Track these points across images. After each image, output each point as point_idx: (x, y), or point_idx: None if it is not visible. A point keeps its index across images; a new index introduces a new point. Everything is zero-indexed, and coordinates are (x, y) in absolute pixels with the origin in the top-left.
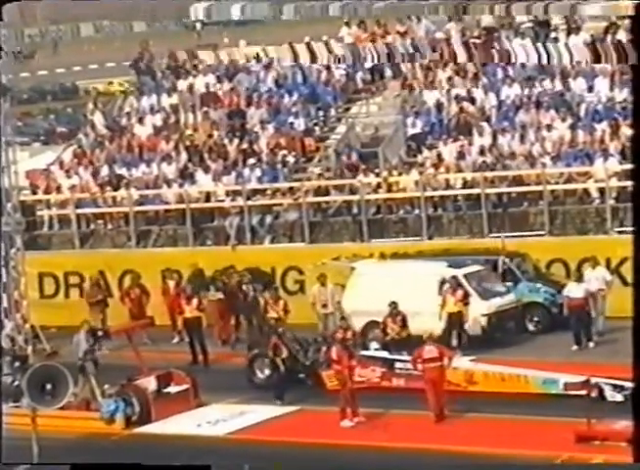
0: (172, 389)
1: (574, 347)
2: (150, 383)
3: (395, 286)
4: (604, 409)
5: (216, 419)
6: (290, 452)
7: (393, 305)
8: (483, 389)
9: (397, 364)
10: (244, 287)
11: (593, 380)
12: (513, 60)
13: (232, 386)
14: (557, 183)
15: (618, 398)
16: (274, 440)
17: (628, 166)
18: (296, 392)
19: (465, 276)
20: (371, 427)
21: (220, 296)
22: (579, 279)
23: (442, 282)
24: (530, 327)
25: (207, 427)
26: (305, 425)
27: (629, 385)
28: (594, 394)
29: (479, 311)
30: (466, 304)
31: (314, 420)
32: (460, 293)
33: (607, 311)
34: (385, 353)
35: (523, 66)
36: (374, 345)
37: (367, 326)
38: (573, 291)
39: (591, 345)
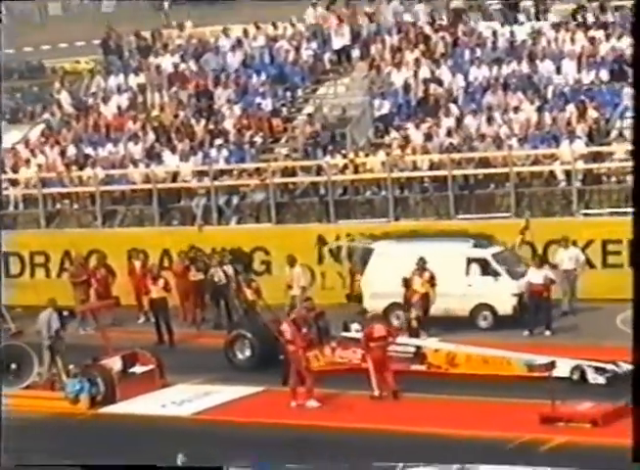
0: (137, 369)
1: (525, 332)
2: (115, 363)
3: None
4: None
5: (181, 399)
6: (254, 432)
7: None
8: (465, 371)
9: None
10: (224, 268)
11: (575, 362)
12: (481, 42)
13: (198, 366)
14: (523, 165)
15: (601, 380)
16: (239, 420)
17: (594, 149)
18: (275, 372)
19: (493, 256)
20: (337, 407)
21: (201, 276)
22: (541, 264)
23: (469, 262)
24: None
25: (173, 407)
26: (271, 405)
27: (611, 367)
28: (573, 375)
29: (509, 291)
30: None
31: (280, 400)
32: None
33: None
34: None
35: (491, 48)
36: (355, 326)
37: (389, 308)
38: (534, 277)
39: (547, 333)
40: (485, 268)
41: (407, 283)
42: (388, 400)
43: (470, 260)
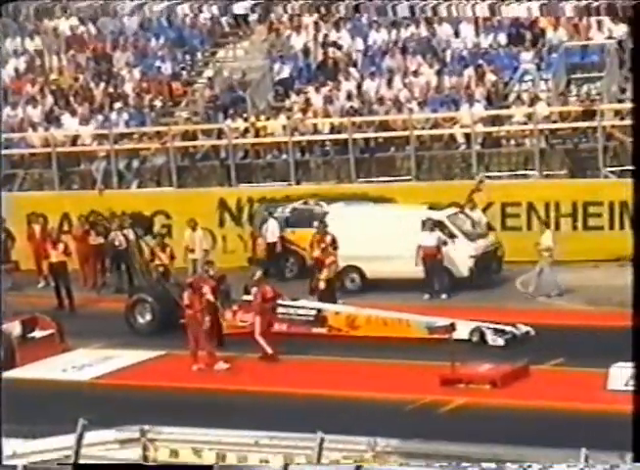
0: (37, 333)
1: (426, 296)
2: (14, 328)
3: (374, 229)
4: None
5: (82, 364)
6: (155, 396)
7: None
8: (366, 333)
9: (279, 309)
10: (124, 232)
11: (474, 325)
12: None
13: (99, 330)
14: (423, 128)
15: (500, 342)
16: (140, 384)
17: (493, 112)
18: (175, 336)
19: (448, 218)
20: (239, 371)
21: (101, 240)
22: (432, 227)
23: (424, 224)
24: None
25: (73, 372)
26: (172, 369)
27: (510, 329)
28: (472, 337)
29: (466, 253)
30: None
31: (181, 364)
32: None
33: None
34: None
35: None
36: (255, 290)
37: (344, 270)
38: (426, 239)
39: (443, 296)
40: (441, 230)
41: (311, 246)
42: (290, 364)
43: (425, 223)
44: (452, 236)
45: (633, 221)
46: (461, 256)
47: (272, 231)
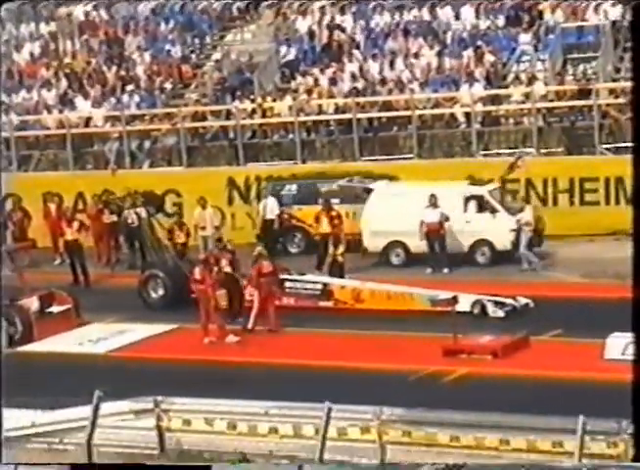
0: (54, 309)
1: (428, 270)
2: (32, 303)
3: (418, 206)
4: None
5: (97, 338)
6: (168, 368)
7: None
8: (370, 306)
9: (287, 284)
10: (137, 210)
11: (475, 297)
12: None
13: (113, 305)
14: (425, 108)
15: (500, 313)
16: (153, 357)
17: (492, 92)
18: (188, 310)
19: (489, 193)
20: (249, 344)
21: (114, 218)
22: (435, 204)
23: (467, 200)
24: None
25: (89, 345)
26: (184, 342)
27: (510, 301)
28: (474, 310)
29: (507, 227)
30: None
31: (192, 337)
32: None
33: None
34: None
35: None
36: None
37: (389, 246)
38: (429, 216)
39: (446, 271)
40: (483, 205)
41: (317, 220)
42: (297, 336)
43: (467, 198)
44: (494, 210)
45: (633, 196)
46: (502, 229)
47: (271, 208)
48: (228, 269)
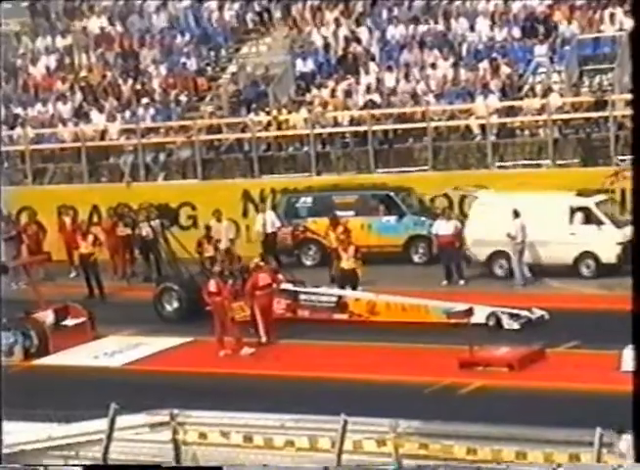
0: (69, 321)
1: (444, 281)
2: (47, 316)
3: (523, 215)
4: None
5: (112, 351)
6: (183, 381)
7: None
8: (385, 319)
9: (302, 296)
10: (151, 223)
11: (490, 309)
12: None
13: (128, 318)
14: (440, 120)
15: (515, 326)
16: (168, 369)
17: (508, 103)
18: (202, 323)
19: (596, 205)
20: (264, 356)
21: (128, 231)
22: (449, 216)
23: (573, 211)
24: (416, 259)
25: (104, 358)
26: (199, 355)
27: (525, 313)
28: (489, 322)
29: (613, 240)
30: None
31: (208, 350)
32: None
33: None
34: (290, 286)
35: (408, 7)
36: (279, 277)
37: (493, 255)
38: (442, 228)
39: (461, 282)
40: (589, 217)
41: (326, 235)
42: (313, 349)
43: (573, 209)
44: (599, 223)
45: (633, 208)
46: (608, 242)
47: (272, 222)
48: (267, 281)
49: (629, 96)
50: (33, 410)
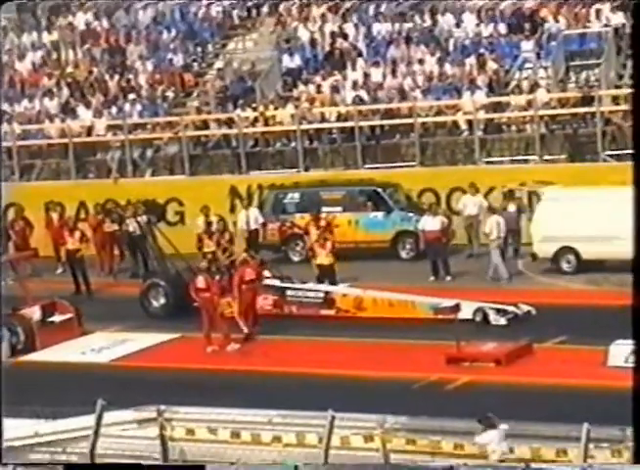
0: (56, 318)
1: (431, 278)
2: (34, 312)
3: (589, 212)
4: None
5: (100, 347)
6: (170, 377)
7: None
8: (372, 314)
9: (289, 292)
10: (138, 219)
11: (477, 305)
12: None
13: (115, 314)
14: (427, 116)
15: (502, 321)
16: (155, 365)
17: (495, 99)
18: (189, 319)
19: None
20: (252, 352)
21: (115, 227)
22: (436, 211)
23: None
24: (403, 254)
25: (91, 354)
26: (186, 351)
27: (512, 309)
28: (475, 317)
29: None
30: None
31: (195, 346)
32: None
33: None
34: (277, 282)
35: (395, 3)
36: (266, 273)
37: (559, 251)
38: (429, 224)
39: (448, 278)
40: None
41: (307, 231)
42: (300, 345)
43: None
44: None
45: (634, 203)
46: None
47: (255, 219)
48: (252, 276)
49: (616, 91)
50: (20, 407)
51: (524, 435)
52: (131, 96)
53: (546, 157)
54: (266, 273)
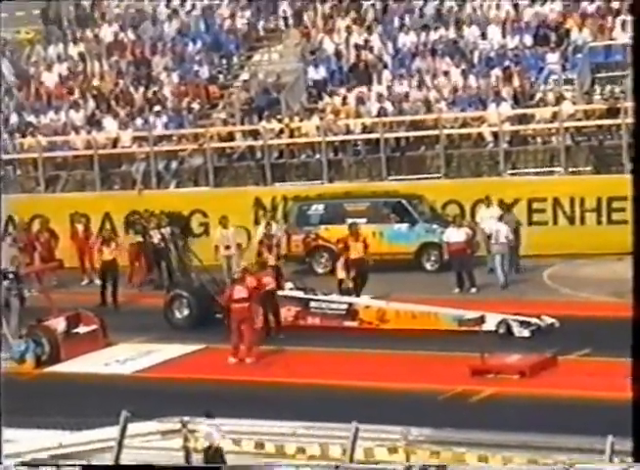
0: (81, 329)
1: (456, 289)
2: (59, 323)
3: None
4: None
5: (124, 358)
6: (194, 388)
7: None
8: (395, 326)
9: (312, 303)
10: (162, 230)
11: (500, 317)
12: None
13: (140, 326)
14: (452, 127)
15: (525, 333)
16: (180, 377)
17: (520, 111)
18: (214, 330)
19: None
20: (272, 364)
21: (139, 239)
22: (461, 223)
23: (454, 220)
24: (428, 266)
25: (116, 366)
26: (211, 362)
27: (535, 321)
28: (499, 329)
29: None
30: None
31: (219, 357)
32: None
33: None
34: (300, 293)
35: (419, 14)
36: (289, 285)
37: None
38: (454, 236)
39: (473, 290)
40: None
41: (345, 245)
42: (324, 356)
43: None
44: None
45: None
46: None
47: (274, 232)
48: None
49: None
50: (45, 418)
51: (547, 447)
52: (156, 108)
53: (571, 169)
54: (289, 285)
